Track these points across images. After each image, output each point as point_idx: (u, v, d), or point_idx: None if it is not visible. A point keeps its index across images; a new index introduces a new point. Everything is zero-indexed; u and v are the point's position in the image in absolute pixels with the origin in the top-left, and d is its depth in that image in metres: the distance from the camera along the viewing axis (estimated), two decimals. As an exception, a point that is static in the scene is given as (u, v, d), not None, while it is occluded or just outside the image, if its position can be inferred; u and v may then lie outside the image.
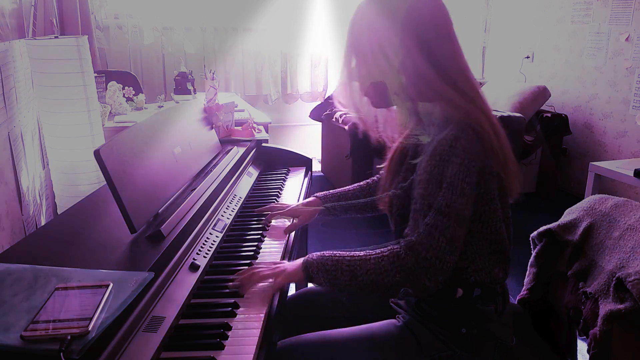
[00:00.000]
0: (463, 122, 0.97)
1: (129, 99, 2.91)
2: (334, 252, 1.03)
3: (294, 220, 1.38)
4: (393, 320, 1.11)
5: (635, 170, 2.62)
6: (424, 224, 0.95)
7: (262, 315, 0.97)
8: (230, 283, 1.05)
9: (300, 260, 1.06)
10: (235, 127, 1.98)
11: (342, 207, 1.39)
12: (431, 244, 0.93)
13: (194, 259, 1.10)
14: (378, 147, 1.20)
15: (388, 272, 0.96)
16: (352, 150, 3.36)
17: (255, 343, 0.88)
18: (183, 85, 3.21)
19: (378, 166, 1.38)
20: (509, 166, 1.01)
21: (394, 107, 1.09)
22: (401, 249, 0.96)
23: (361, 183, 1.42)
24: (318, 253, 1.05)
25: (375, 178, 1.40)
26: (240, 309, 0.99)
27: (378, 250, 1.00)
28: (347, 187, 1.43)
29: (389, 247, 0.99)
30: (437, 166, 0.95)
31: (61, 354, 0.70)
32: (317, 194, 1.43)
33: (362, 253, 1.01)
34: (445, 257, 0.94)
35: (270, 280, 1.06)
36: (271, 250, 1.26)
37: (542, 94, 3.88)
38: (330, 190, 1.43)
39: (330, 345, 1.06)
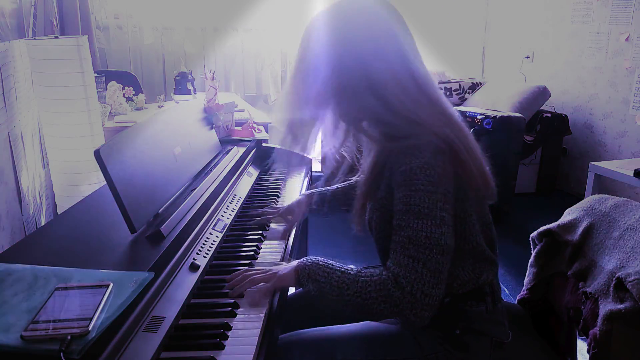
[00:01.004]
0: (432, 146, 0.94)
1: (129, 99, 2.91)
2: (328, 262, 1.01)
3: (287, 225, 1.38)
4: (392, 319, 1.11)
5: (635, 170, 2.62)
6: (405, 256, 0.92)
7: (262, 315, 0.97)
8: (226, 284, 1.05)
9: (294, 264, 1.04)
10: (235, 127, 1.98)
11: (331, 206, 1.40)
12: (415, 277, 0.90)
13: (194, 259, 1.10)
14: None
15: (374, 299, 0.93)
16: (352, 150, 3.35)
17: (255, 343, 0.88)
18: (183, 85, 3.22)
19: (353, 178, 1.38)
20: (484, 178, 1.01)
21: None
22: (388, 280, 0.93)
23: (351, 180, 1.40)
24: (312, 259, 1.03)
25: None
26: (240, 309, 0.99)
27: (368, 272, 0.96)
28: (340, 184, 1.41)
29: (379, 272, 0.95)
30: (413, 196, 0.93)
31: (61, 354, 0.70)
32: (306, 192, 1.44)
33: (353, 271, 0.98)
34: (431, 291, 0.90)
35: (262, 284, 1.04)
36: (271, 250, 1.26)
37: (542, 94, 3.88)
38: (320, 189, 1.43)
39: (331, 341, 1.07)
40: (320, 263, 1.01)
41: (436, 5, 4.59)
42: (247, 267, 1.15)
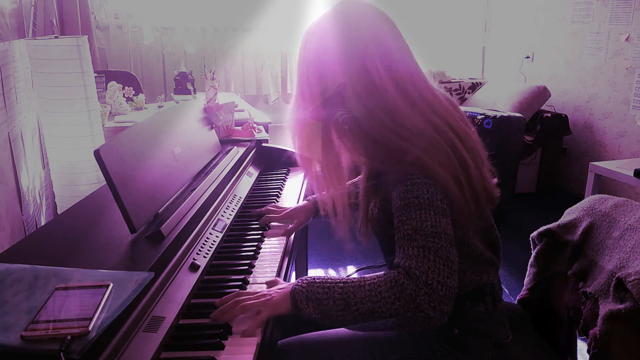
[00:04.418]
0: (424, 143, 0.93)
1: (129, 99, 2.91)
2: (325, 278, 0.94)
3: (290, 226, 1.37)
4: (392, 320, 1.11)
5: (635, 170, 2.62)
6: (414, 247, 0.88)
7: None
8: (212, 314, 0.94)
9: (289, 287, 0.95)
10: (235, 127, 1.98)
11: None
12: (428, 267, 0.86)
13: (194, 259, 1.10)
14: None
15: (386, 299, 0.87)
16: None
17: (255, 343, 0.88)
18: (183, 85, 3.21)
19: (352, 180, 1.37)
20: (483, 175, 1.00)
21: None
22: (399, 274, 0.88)
23: (355, 180, 1.38)
24: (308, 278, 0.95)
25: None
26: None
27: (374, 275, 0.91)
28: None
29: (386, 272, 0.91)
30: (411, 190, 0.91)
31: (61, 354, 0.70)
32: (310, 197, 1.42)
33: (355, 278, 0.93)
34: (447, 280, 0.86)
35: (255, 310, 0.95)
36: (271, 250, 1.26)
37: (542, 94, 3.88)
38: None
39: (329, 343, 1.07)
40: (318, 280, 0.94)
41: (436, 5, 4.59)
42: (246, 266, 1.15)
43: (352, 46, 0.98)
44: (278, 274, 1.15)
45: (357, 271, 2.67)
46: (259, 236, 1.32)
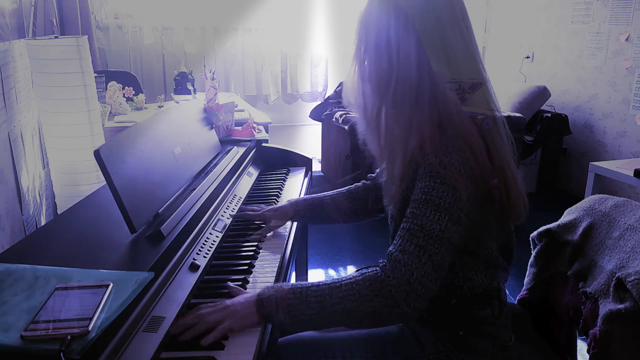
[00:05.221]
0: (461, 138, 0.92)
1: (129, 99, 2.91)
2: (294, 284, 0.94)
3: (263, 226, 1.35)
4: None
5: (635, 170, 2.62)
6: (412, 244, 0.89)
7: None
8: (173, 328, 0.89)
9: (253, 296, 0.93)
10: (235, 127, 1.98)
11: (312, 215, 1.35)
12: (417, 267, 0.88)
13: (194, 259, 1.10)
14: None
15: (364, 296, 0.88)
16: (352, 150, 3.36)
17: (255, 343, 0.88)
18: (183, 85, 3.21)
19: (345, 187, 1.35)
20: (510, 184, 0.97)
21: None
22: (380, 271, 0.90)
23: (343, 189, 1.37)
24: (274, 285, 0.94)
25: (360, 184, 1.37)
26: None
27: (348, 276, 0.92)
28: (327, 192, 1.38)
29: (362, 273, 0.92)
30: (436, 188, 0.90)
31: (61, 354, 0.70)
32: (291, 200, 1.39)
33: (327, 281, 0.93)
34: (429, 284, 0.88)
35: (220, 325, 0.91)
36: (271, 250, 1.26)
37: (542, 94, 3.88)
38: (306, 196, 1.40)
39: (330, 343, 1.06)
40: (285, 287, 0.93)
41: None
42: (246, 265, 1.15)
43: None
44: (278, 274, 1.16)
45: (357, 271, 2.67)
46: (259, 236, 1.32)
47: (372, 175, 1.36)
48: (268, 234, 1.35)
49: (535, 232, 1.29)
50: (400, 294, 0.87)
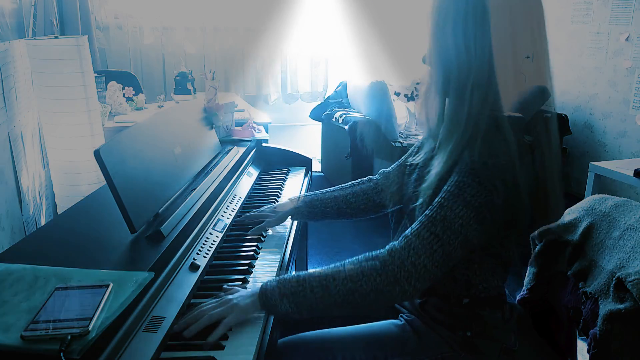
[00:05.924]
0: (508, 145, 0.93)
1: (129, 99, 2.91)
2: (294, 273, 0.96)
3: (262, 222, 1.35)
4: (394, 320, 1.11)
5: (635, 170, 2.62)
6: (429, 231, 0.91)
7: (262, 314, 0.96)
8: (177, 326, 0.90)
9: (255, 289, 0.96)
10: (235, 127, 1.98)
11: (313, 213, 1.35)
12: (425, 253, 0.90)
13: (194, 259, 1.10)
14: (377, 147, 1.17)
15: (367, 275, 0.91)
16: (352, 150, 3.36)
17: (255, 343, 0.88)
18: (183, 85, 3.21)
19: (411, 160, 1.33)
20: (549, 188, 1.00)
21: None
22: (386, 253, 0.92)
23: (345, 185, 1.36)
24: (275, 278, 0.97)
25: (364, 179, 1.36)
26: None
27: (352, 259, 0.95)
28: (329, 189, 1.36)
29: (365, 256, 0.95)
30: (471, 186, 0.91)
31: (61, 354, 0.70)
32: (292, 197, 1.39)
33: (328, 267, 0.95)
34: (432, 269, 0.90)
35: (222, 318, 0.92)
36: (271, 250, 1.26)
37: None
38: (308, 193, 1.39)
39: (331, 343, 1.06)
40: (287, 277, 0.95)
41: (436, 5, 4.58)
42: (246, 265, 1.15)
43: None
44: (278, 274, 1.15)
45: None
46: (259, 236, 1.32)
47: (373, 177, 1.35)
48: (269, 231, 1.35)
49: (535, 232, 1.29)
50: (403, 273, 0.90)
